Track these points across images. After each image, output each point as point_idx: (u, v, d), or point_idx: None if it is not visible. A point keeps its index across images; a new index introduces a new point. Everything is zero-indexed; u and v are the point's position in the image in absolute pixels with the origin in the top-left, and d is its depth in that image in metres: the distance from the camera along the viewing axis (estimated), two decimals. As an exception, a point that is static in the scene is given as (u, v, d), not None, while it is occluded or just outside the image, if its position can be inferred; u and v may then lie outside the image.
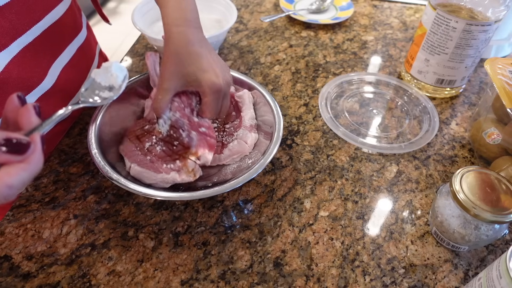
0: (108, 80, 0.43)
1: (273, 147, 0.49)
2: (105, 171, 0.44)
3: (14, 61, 0.47)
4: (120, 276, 0.43)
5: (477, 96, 0.70)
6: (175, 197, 0.45)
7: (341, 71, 0.74)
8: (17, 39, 0.47)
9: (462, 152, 0.59)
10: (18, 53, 0.47)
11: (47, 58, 0.52)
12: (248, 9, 0.92)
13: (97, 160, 0.45)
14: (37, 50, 0.50)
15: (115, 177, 0.44)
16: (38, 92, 0.51)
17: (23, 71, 0.48)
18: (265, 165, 0.47)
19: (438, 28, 0.61)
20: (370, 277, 0.44)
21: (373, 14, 0.92)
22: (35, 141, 0.29)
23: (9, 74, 0.46)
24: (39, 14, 0.50)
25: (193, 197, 0.44)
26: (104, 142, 0.49)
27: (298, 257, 0.45)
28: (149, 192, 0.44)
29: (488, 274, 0.36)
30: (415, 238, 0.48)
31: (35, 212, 0.48)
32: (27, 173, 0.28)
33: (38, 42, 0.50)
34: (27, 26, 0.48)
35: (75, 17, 0.59)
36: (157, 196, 0.44)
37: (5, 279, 0.42)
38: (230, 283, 0.43)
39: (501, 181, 0.44)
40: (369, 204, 0.51)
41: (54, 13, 0.52)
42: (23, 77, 0.48)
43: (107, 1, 2.75)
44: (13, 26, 0.46)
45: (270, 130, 0.52)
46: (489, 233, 0.42)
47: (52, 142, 0.56)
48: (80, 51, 0.60)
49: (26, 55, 0.48)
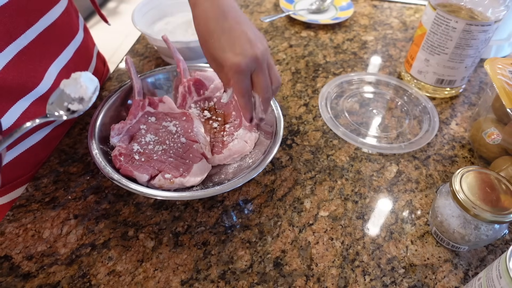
0: (77, 91, 0.41)
1: (274, 146, 0.49)
2: (106, 171, 0.44)
3: (10, 65, 0.46)
4: (120, 276, 0.43)
5: (477, 96, 0.70)
6: (175, 196, 0.45)
7: (341, 71, 0.74)
8: (12, 42, 0.46)
9: (462, 152, 0.59)
10: (13, 57, 0.46)
11: (44, 62, 0.51)
12: (248, 9, 0.92)
13: (98, 161, 0.45)
14: (33, 53, 0.49)
15: (117, 178, 0.44)
16: (33, 96, 0.50)
17: (19, 75, 0.47)
18: (265, 165, 0.47)
19: (438, 28, 0.61)
20: (370, 277, 0.44)
21: (373, 14, 0.92)
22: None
23: (4, 79, 0.45)
24: (34, 17, 0.49)
25: (193, 197, 0.45)
26: (104, 140, 0.49)
27: (298, 257, 0.45)
28: (149, 192, 0.44)
29: (488, 274, 0.36)
30: (415, 238, 0.48)
31: (35, 212, 0.48)
32: None
33: (34, 45, 0.49)
34: (21, 29, 0.47)
35: (72, 19, 0.58)
36: (157, 196, 0.44)
37: (5, 279, 0.42)
38: (230, 283, 0.43)
39: (501, 181, 0.44)
40: (369, 204, 0.51)
41: (50, 16, 0.51)
42: (18, 81, 0.47)
43: (107, 1, 2.75)
44: (7, 29, 0.45)
45: (271, 130, 0.52)
46: (489, 233, 0.42)
47: (50, 144, 0.56)
48: (77, 54, 0.59)
49: (22, 59, 0.47)
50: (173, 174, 0.47)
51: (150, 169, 0.47)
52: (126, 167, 0.46)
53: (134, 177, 0.46)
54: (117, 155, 0.48)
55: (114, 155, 0.48)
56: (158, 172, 0.47)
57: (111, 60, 0.74)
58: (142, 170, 0.46)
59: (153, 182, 0.46)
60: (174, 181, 0.46)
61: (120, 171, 0.46)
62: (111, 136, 0.50)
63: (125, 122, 0.52)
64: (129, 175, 0.46)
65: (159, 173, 0.47)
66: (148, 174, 0.46)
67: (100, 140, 0.49)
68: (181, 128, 0.53)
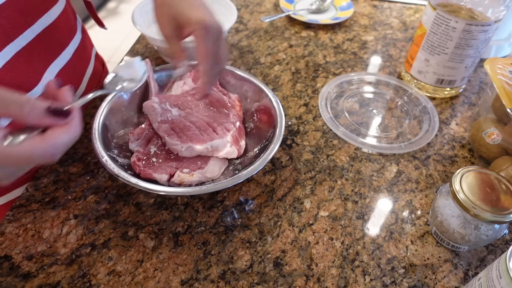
0: (129, 74, 0.48)
1: (274, 145, 0.49)
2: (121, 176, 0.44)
3: (7, 66, 0.45)
4: (120, 276, 0.43)
5: (477, 96, 0.70)
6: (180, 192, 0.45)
7: (341, 71, 0.74)
8: (10, 43, 0.46)
9: (462, 152, 0.59)
10: (11, 58, 0.46)
11: (42, 63, 0.51)
12: (248, 9, 0.92)
13: (110, 167, 0.45)
14: (31, 54, 0.49)
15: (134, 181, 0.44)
16: None
17: (16, 76, 0.47)
18: (265, 163, 0.47)
19: (438, 28, 0.61)
20: (370, 277, 0.44)
21: (373, 14, 0.92)
22: (74, 109, 0.35)
23: (1, 80, 0.45)
24: (32, 17, 0.48)
25: (194, 192, 0.45)
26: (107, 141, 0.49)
27: (298, 257, 0.45)
28: (151, 188, 0.44)
29: (488, 274, 0.36)
30: (415, 238, 0.48)
31: (35, 212, 0.48)
32: (69, 135, 0.34)
33: (32, 46, 0.49)
34: (19, 30, 0.47)
35: (70, 20, 0.58)
36: (159, 191, 0.44)
37: (5, 279, 0.42)
38: (230, 283, 0.43)
39: (501, 181, 0.44)
40: (369, 204, 0.51)
41: (48, 16, 0.51)
42: (15, 83, 0.47)
43: (107, 1, 2.75)
44: (4, 30, 0.45)
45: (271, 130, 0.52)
46: (489, 233, 0.42)
47: None
48: (75, 55, 0.58)
49: (19, 60, 0.47)
50: (191, 168, 0.48)
51: (168, 168, 0.48)
52: (146, 171, 0.47)
53: (154, 179, 0.46)
54: (135, 161, 0.48)
55: (133, 162, 0.48)
56: (175, 170, 0.48)
57: (111, 60, 0.74)
58: (161, 171, 0.47)
59: (173, 180, 0.47)
60: (193, 174, 0.47)
61: (140, 176, 0.47)
62: (130, 141, 0.51)
63: (144, 128, 0.53)
64: (149, 178, 0.46)
65: (177, 170, 0.48)
66: (167, 173, 0.47)
67: (103, 142, 0.48)
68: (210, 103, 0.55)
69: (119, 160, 0.48)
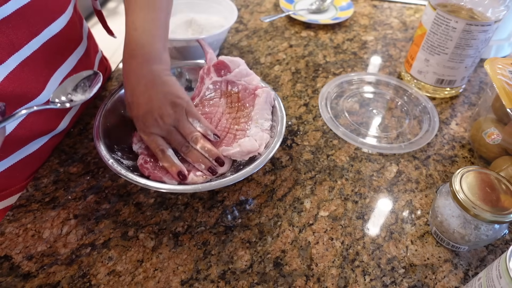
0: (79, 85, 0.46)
1: (275, 143, 0.48)
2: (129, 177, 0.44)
3: (11, 76, 0.45)
4: (120, 276, 0.43)
5: (477, 96, 0.70)
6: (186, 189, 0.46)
7: (341, 71, 0.74)
8: (14, 53, 0.45)
9: (462, 152, 0.59)
10: (15, 68, 0.45)
11: (46, 72, 0.50)
12: (248, 9, 0.92)
13: (117, 169, 0.45)
14: (35, 64, 0.48)
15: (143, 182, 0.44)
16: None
17: (19, 86, 0.46)
18: (266, 162, 0.47)
19: (438, 28, 0.61)
20: (370, 277, 0.44)
21: (373, 14, 0.92)
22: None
23: (5, 89, 0.44)
24: (38, 28, 0.48)
25: (195, 189, 0.45)
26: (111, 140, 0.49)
27: (298, 257, 0.45)
28: (153, 185, 0.45)
29: (488, 274, 0.36)
30: (415, 238, 0.48)
31: (35, 212, 0.48)
32: None
33: (37, 56, 0.48)
34: (25, 40, 0.46)
35: (76, 29, 0.57)
36: (160, 188, 0.44)
37: (5, 279, 0.42)
38: (230, 283, 0.43)
39: (501, 181, 0.44)
40: (369, 204, 0.51)
41: (54, 26, 0.50)
42: (19, 92, 0.46)
43: (107, 1, 2.75)
44: (10, 40, 0.44)
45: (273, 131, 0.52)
46: (489, 233, 0.42)
47: (50, 144, 0.56)
48: (79, 64, 0.58)
49: (24, 69, 0.47)
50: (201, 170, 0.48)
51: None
52: (156, 174, 0.47)
53: (164, 182, 0.46)
54: (142, 164, 0.48)
55: (140, 164, 0.48)
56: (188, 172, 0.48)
57: (111, 60, 0.74)
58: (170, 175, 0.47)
59: (186, 182, 0.47)
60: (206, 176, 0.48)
61: (150, 178, 0.46)
62: (133, 143, 0.51)
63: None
64: (158, 181, 0.46)
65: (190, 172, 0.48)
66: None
67: (105, 142, 0.48)
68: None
69: (124, 162, 0.48)
